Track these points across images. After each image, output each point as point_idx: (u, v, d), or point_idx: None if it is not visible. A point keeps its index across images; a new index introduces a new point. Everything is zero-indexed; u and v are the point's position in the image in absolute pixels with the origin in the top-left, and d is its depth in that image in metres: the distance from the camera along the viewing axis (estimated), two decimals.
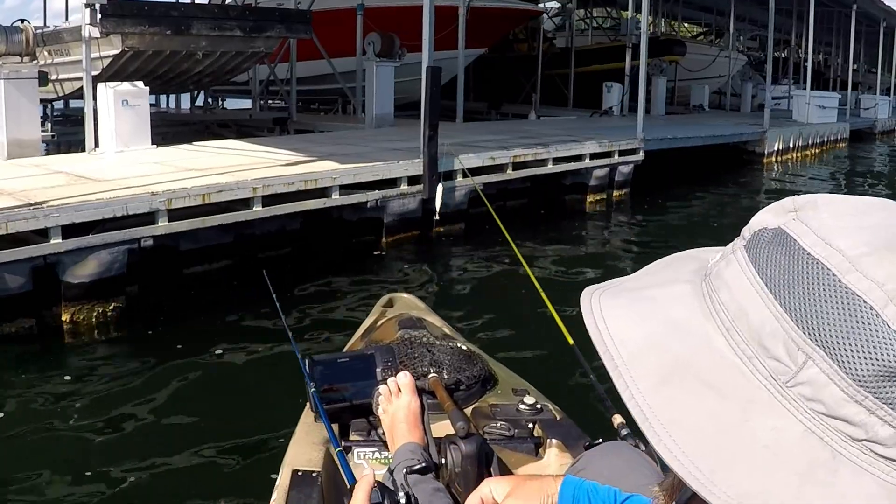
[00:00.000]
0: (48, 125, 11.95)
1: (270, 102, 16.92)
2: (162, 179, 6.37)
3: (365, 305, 4.16)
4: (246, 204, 6.40)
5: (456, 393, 2.08)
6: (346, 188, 7.21)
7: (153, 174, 6.70)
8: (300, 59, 14.20)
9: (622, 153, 10.67)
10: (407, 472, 1.58)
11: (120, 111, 8.41)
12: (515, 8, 17.07)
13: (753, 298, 0.53)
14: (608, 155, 10.45)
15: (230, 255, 6.57)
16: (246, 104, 17.85)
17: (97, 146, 8.50)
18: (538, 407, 2.10)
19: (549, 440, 1.99)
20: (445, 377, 2.08)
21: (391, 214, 7.68)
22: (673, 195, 11.85)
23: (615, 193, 10.67)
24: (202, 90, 15.86)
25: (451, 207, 8.12)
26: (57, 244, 5.20)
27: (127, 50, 9.45)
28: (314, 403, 1.88)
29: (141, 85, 8.88)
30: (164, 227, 5.81)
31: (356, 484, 1.41)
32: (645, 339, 0.55)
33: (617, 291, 0.60)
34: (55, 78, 10.66)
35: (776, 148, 16.28)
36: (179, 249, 6.20)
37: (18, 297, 5.05)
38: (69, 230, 5.27)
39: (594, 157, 10.22)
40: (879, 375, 0.49)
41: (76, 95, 10.53)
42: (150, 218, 5.75)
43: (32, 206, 5.26)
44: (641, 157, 10.96)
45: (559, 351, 3.01)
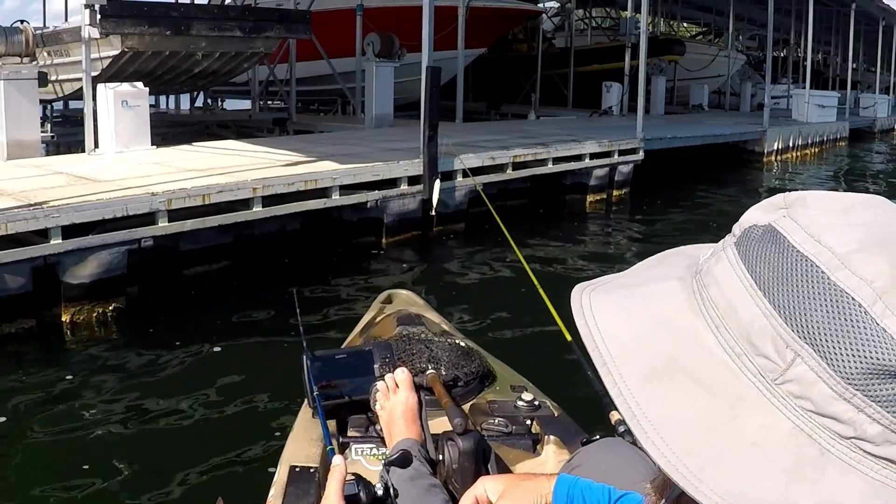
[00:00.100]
0: (48, 126, 11.95)
1: (270, 103, 16.90)
2: (162, 180, 6.37)
3: (364, 304, 4.16)
4: (246, 204, 6.40)
5: (454, 389, 2.08)
6: (346, 188, 7.21)
7: (153, 175, 6.70)
8: (300, 59, 14.20)
9: (622, 153, 10.67)
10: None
11: (120, 112, 8.41)
12: (514, 8, 17.06)
13: (743, 296, 0.53)
14: (608, 155, 10.44)
15: (230, 255, 6.57)
16: (245, 105, 17.85)
17: (97, 147, 8.50)
18: (536, 403, 2.10)
19: (546, 437, 1.99)
20: (443, 373, 2.08)
21: (391, 214, 7.68)
22: (673, 195, 11.84)
23: (615, 193, 10.67)
24: (202, 91, 15.86)
25: (451, 207, 8.12)
26: (57, 244, 5.20)
27: (126, 50, 9.45)
28: (312, 400, 1.88)
29: (140, 85, 8.88)
30: (164, 227, 5.81)
31: (329, 474, 1.41)
32: (634, 335, 0.55)
33: (608, 288, 0.60)
34: (55, 79, 10.66)
35: (776, 147, 16.27)
36: (179, 250, 6.19)
37: (19, 297, 5.05)
38: (69, 230, 5.28)
39: (594, 156, 10.21)
40: (868, 373, 0.49)
41: (76, 96, 10.53)
42: (150, 218, 5.75)
43: (33, 206, 5.27)
44: (641, 156, 10.96)
45: (557, 348, 3.02)
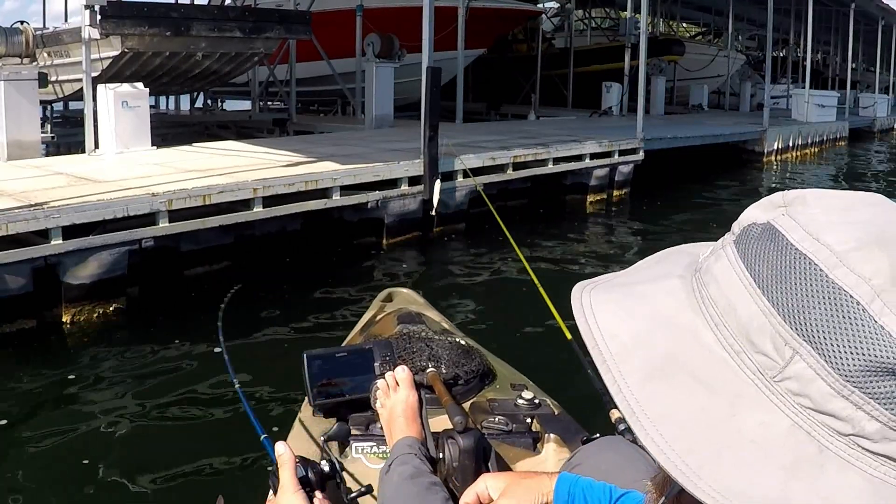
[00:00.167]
0: (48, 126, 11.96)
1: (270, 104, 16.89)
2: (162, 180, 6.38)
3: (364, 304, 4.16)
4: (246, 205, 6.41)
5: (454, 387, 2.08)
6: (346, 189, 7.22)
7: (153, 175, 6.70)
8: (300, 60, 14.20)
9: (622, 153, 10.67)
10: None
11: (120, 112, 8.41)
12: (514, 8, 17.06)
13: (742, 294, 0.53)
14: (608, 155, 10.45)
15: (231, 255, 6.57)
16: (245, 105, 17.85)
17: (97, 147, 8.50)
18: (536, 402, 2.10)
19: (547, 435, 2.00)
20: (444, 372, 2.08)
21: (392, 215, 7.68)
22: (673, 195, 11.83)
23: (615, 193, 10.67)
24: (202, 91, 15.86)
25: (451, 208, 8.12)
26: (57, 245, 5.21)
27: (126, 51, 9.45)
28: (310, 397, 1.89)
29: (141, 86, 8.89)
30: (164, 227, 5.82)
31: (278, 465, 1.45)
32: (634, 334, 0.55)
33: (608, 286, 0.60)
34: (55, 79, 10.67)
35: (775, 147, 16.27)
36: (180, 250, 6.19)
37: (19, 297, 5.05)
38: (70, 231, 5.28)
39: (594, 157, 10.22)
40: (866, 370, 0.49)
41: (76, 97, 10.54)
42: (150, 219, 5.76)
43: (33, 207, 5.27)
44: (641, 156, 10.96)
45: (557, 346, 3.02)
